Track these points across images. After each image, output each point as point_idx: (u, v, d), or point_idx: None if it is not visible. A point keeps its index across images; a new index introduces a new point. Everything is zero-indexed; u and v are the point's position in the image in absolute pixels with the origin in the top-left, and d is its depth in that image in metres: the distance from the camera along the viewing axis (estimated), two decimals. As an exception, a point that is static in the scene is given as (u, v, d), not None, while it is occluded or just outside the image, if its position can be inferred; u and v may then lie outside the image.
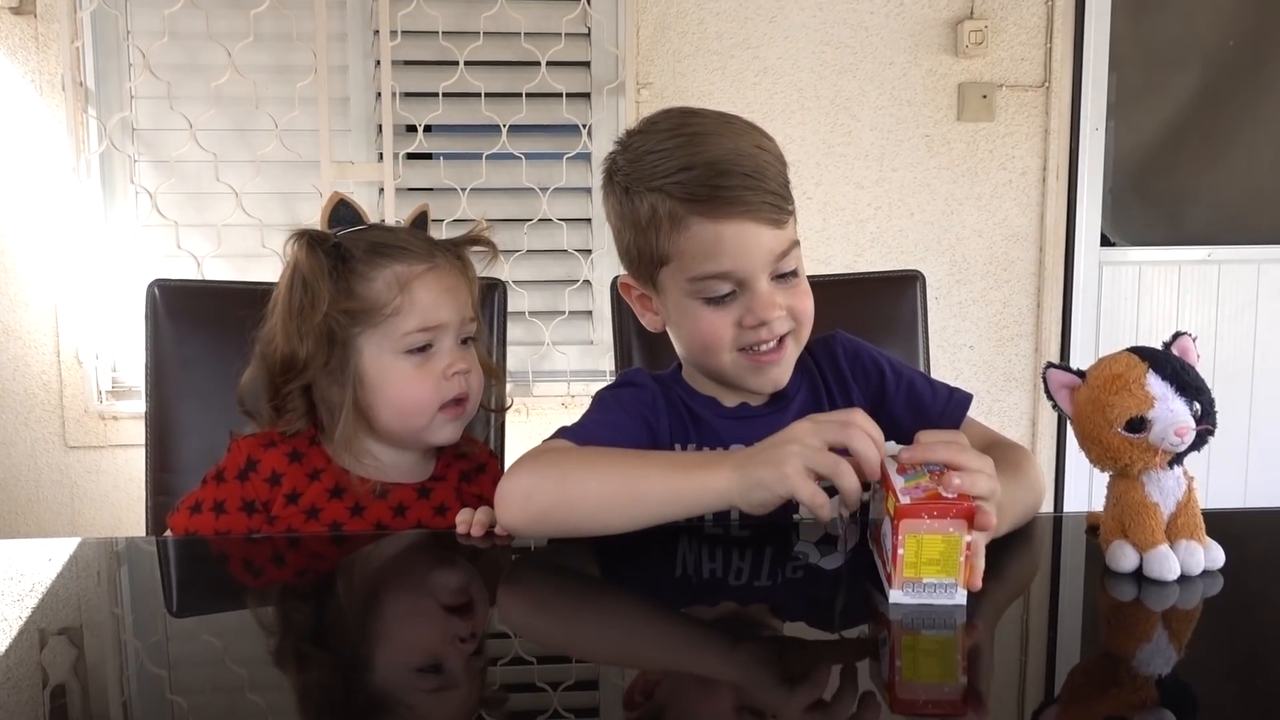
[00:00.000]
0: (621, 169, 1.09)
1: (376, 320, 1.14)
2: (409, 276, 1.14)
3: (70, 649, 0.84)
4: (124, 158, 2.50)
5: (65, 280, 2.48)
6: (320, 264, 1.13)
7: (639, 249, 1.08)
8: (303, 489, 1.17)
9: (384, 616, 0.90)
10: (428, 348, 1.16)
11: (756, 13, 2.61)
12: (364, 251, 1.15)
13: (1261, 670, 0.80)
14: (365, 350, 1.15)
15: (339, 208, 1.19)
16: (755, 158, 1.03)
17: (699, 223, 1.02)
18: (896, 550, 0.84)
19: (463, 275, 1.20)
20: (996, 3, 2.66)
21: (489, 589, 1.00)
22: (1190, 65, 2.83)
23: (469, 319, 1.20)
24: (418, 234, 1.21)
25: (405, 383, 1.15)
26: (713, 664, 0.81)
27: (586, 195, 2.64)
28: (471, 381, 1.19)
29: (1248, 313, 2.86)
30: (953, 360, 2.73)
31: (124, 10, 2.47)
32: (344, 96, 2.55)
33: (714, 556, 1.03)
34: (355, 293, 1.14)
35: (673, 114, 1.10)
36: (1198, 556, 0.92)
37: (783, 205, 1.04)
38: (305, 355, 1.13)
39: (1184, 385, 0.92)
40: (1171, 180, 2.88)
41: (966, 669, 0.80)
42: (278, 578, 1.05)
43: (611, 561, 1.02)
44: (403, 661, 0.82)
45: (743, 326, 1.05)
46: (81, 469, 2.56)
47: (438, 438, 1.19)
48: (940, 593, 0.85)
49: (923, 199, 2.67)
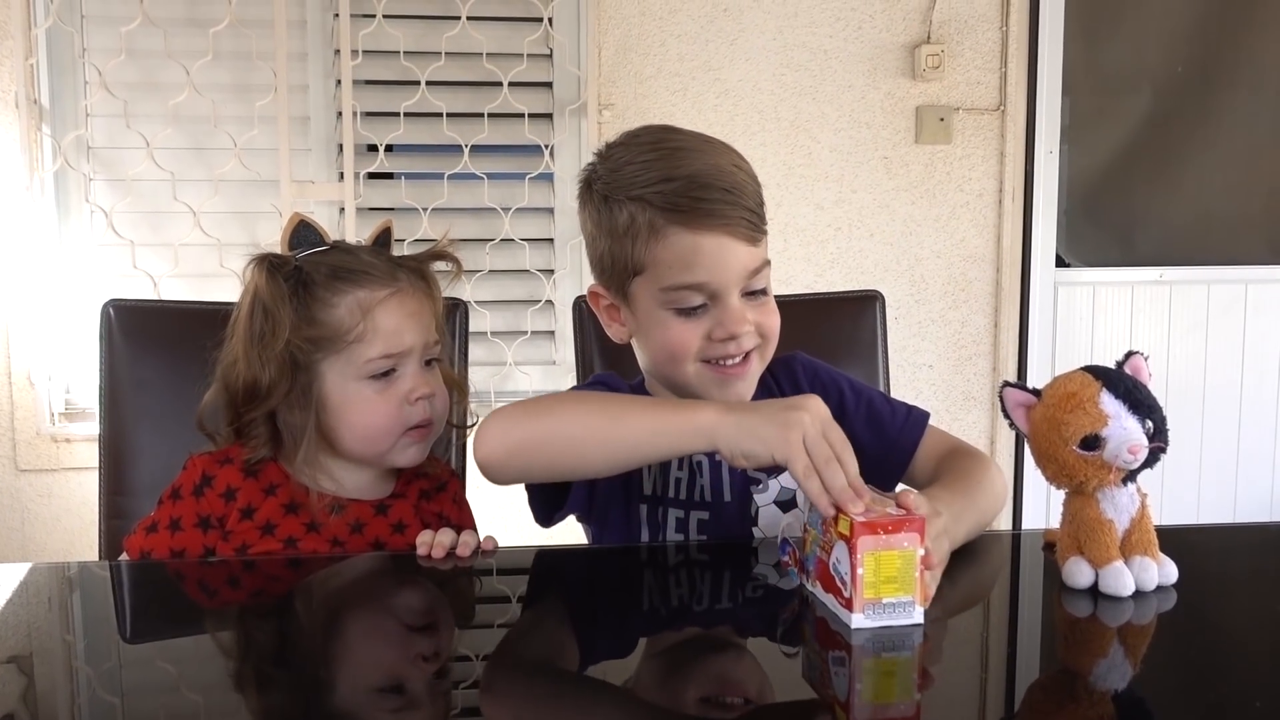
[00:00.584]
0: (601, 177, 1.10)
1: (339, 346, 1.13)
2: (371, 302, 1.13)
3: (20, 677, 0.82)
4: (79, 176, 2.47)
5: (18, 300, 2.44)
6: (280, 290, 1.12)
7: (613, 257, 1.08)
8: (258, 504, 1.15)
9: (342, 640, 0.89)
10: (391, 372, 1.15)
11: (717, 35, 2.63)
12: (325, 276, 1.14)
13: (1215, 684, 0.81)
14: (328, 375, 1.14)
15: (300, 229, 1.18)
16: (734, 175, 1.06)
17: (677, 233, 1.03)
18: (856, 571, 0.84)
19: (427, 296, 1.19)
20: (953, 28, 2.70)
21: (451, 610, 1.00)
22: (1141, 91, 2.89)
23: (433, 341, 1.18)
24: (380, 255, 1.19)
25: (368, 408, 1.14)
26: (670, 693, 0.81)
27: (549, 215, 2.64)
28: (436, 405, 1.18)
29: (1198, 332, 2.92)
30: (912, 379, 2.76)
31: (79, 28, 2.44)
32: (304, 116, 2.54)
33: (679, 580, 1.03)
34: (317, 319, 1.12)
35: (653, 129, 1.13)
36: (1151, 572, 0.94)
37: (758, 223, 1.06)
38: (268, 382, 1.12)
39: (1137, 403, 0.94)
40: (1124, 203, 2.94)
41: (925, 688, 0.81)
42: (233, 601, 1.04)
43: (575, 582, 1.01)
44: (362, 685, 0.81)
45: (711, 339, 1.06)
46: (33, 492, 2.50)
47: (401, 460, 1.18)
48: (900, 612, 0.85)
49: (882, 220, 2.70)
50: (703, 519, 1.14)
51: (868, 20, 2.67)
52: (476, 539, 1.08)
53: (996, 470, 1.13)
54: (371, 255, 1.18)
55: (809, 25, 2.65)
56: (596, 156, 1.12)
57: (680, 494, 1.15)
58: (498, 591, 1.06)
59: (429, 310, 1.19)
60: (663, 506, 1.15)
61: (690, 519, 1.14)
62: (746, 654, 0.89)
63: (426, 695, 0.79)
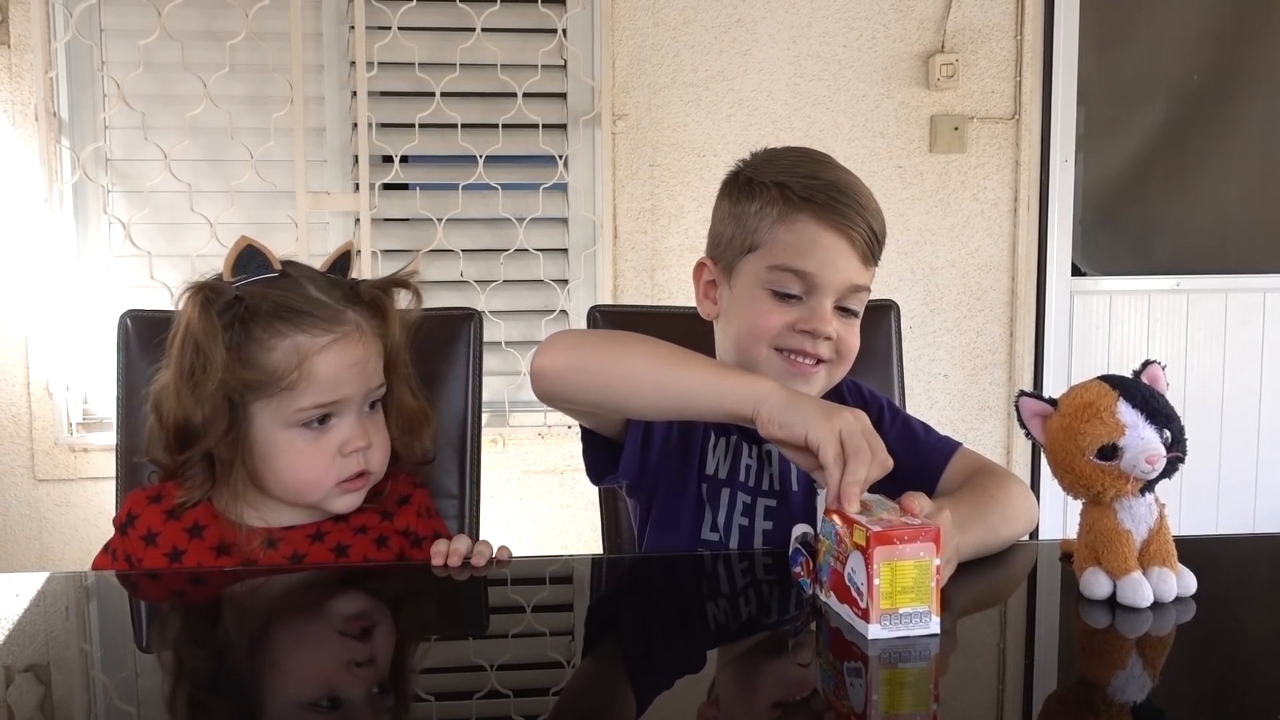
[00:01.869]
0: (751, 164, 1.18)
1: (272, 391, 1.05)
2: (310, 349, 1.06)
3: (37, 685, 0.82)
4: (97, 188, 2.49)
5: (36, 311, 2.46)
6: (213, 327, 1.04)
7: (733, 234, 1.14)
8: (183, 546, 1.10)
9: (362, 650, 0.89)
10: (327, 418, 1.08)
11: (731, 46, 2.64)
12: (266, 314, 1.06)
13: (1234, 696, 0.80)
14: (257, 418, 1.07)
15: (245, 254, 1.10)
16: (870, 200, 1.15)
17: (805, 220, 1.10)
18: (872, 582, 0.84)
19: (374, 340, 1.11)
20: (967, 37, 2.70)
21: (473, 620, 1.00)
22: (1156, 99, 2.88)
23: (376, 385, 1.11)
24: (332, 289, 1.11)
25: (298, 458, 1.07)
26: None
27: (563, 225, 2.65)
28: (373, 456, 1.11)
29: (1216, 341, 2.90)
30: (927, 389, 2.75)
31: (98, 41, 2.47)
32: (320, 127, 2.56)
33: (694, 590, 1.02)
34: (252, 361, 1.05)
35: (807, 148, 1.22)
36: (1170, 583, 0.93)
37: (875, 248, 1.14)
38: (201, 421, 1.05)
39: (1154, 413, 0.93)
40: (1140, 211, 2.92)
41: (942, 700, 0.80)
42: (251, 610, 1.04)
43: (585, 590, 1.01)
44: (378, 694, 0.81)
45: (794, 329, 1.10)
46: (50, 502, 2.52)
47: (334, 508, 1.11)
48: (916, 623, 0.85)
49: (896, 229, 2.69)
50: (770, 506, 1.17)
51: (881, 30, 2.67)
52: (490, 548, 1.07)
53: (1022, 491, 1.13)
54: (321, 290, 1.10)
55: (822, 35, 2.65)
56: (751, 154, 1.20)
57: (750, 480, 1.18)
58: (512, 601, 1.06)
59: (375, 353, 1.11)
60: (730, 489, 1.17)
61: (757, 505, 1.17)
62: (760, 667, 0.88)
63: (448, 706, 0.79)
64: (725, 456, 1.18)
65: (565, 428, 2.56)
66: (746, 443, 1.18)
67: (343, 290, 1.13)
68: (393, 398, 1.16)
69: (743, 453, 1.18)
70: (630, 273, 2.62)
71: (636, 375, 1.01)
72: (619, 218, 2.60)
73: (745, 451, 1.18)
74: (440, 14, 2.53)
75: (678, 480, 1.17)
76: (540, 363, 1.03)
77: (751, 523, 1.16)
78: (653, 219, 2.63)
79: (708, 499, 1.17)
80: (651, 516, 1.19)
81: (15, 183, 2.43)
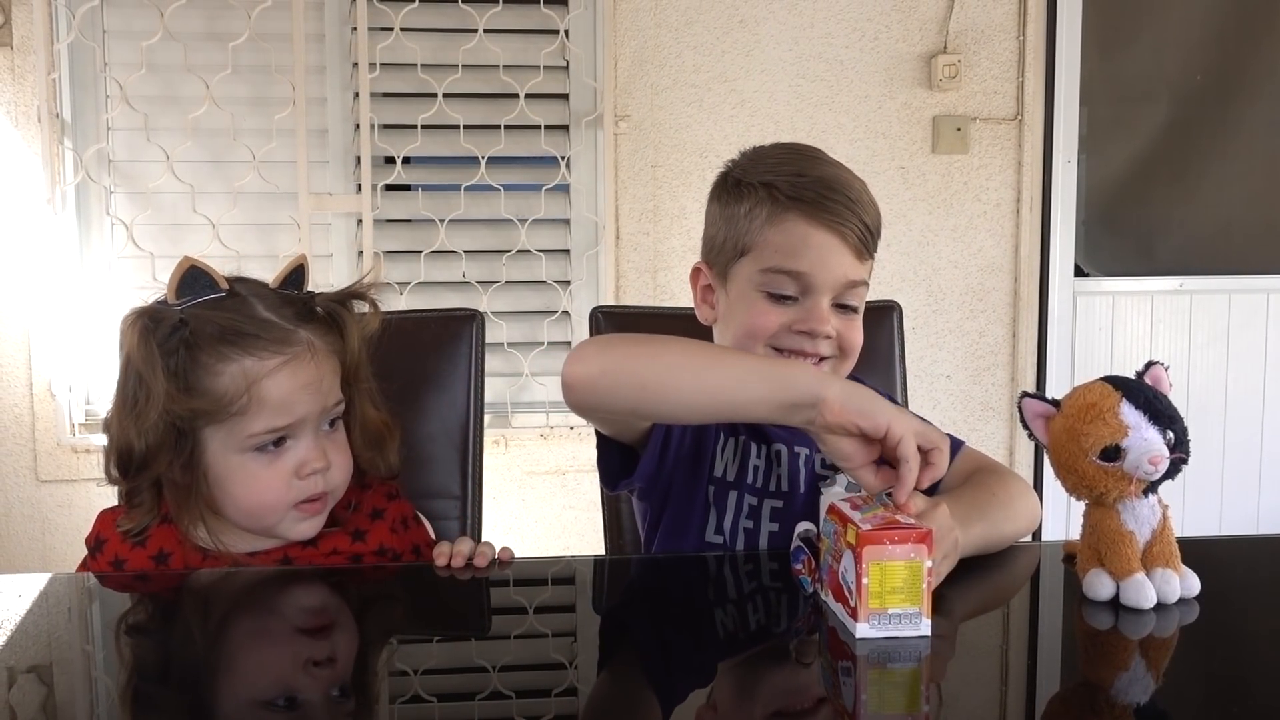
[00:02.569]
0: (739, 164, 1.17)
1: (221, 417, 1.02)
2: (259, 373, 1.02)
3: (39, 686, 0.83)
4: (100, 189, 2.49)
5: (39, 312, 2.46)
6: (152, 356, 1.01)
7: (726, 237, 1.14)
8: (150, 572, 1.08)
9: (366, 650, 0.89)
10: (282, 440, 1.05)
11: (733, 47, 2.64)
12: (211, 338, 1.02)
13: (1238, 698, 0.80)
14: (210, 444, 1.04)
15: (189, 274, 1.06)
16: (861, 191, 1.12)
17: (795, 220, 1.09)
18: (861, 580, 0.84)
19: (329, 357, 1.07)
20: (969, 38, 2.70)
21: (477, 619, 1.00)
22: (1159, 100, 2.88)
23: (333, 404, 1.07)
24: (284, 306, 1.07)
25: (252, 482, 1.04)
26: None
27: (565, 226, 2.65)
28: (332, 476, 1.07)
29: (1219, 342, 2.89)
30: (930, 390, 2.75)
31: (101, 42, 2.47)
32: (322, 128, 2.56)
33: (695, 589, 1.02)
34: (198, 388, 1.02)
35: (799, 142, 1.21)
36: (1173, 584, 0.93)
37: (869, 241, 1.12)
38: (144, 452, 1.02)
39: (1157, 414, 0.93)
40: (1143, 212, 2.92)
41: (942, 700, 0.80)
42: (254, 611, 1.04)
43: (587, 591, 1.01)
44: (385, 697, 0.81)
45: (791, 330, 1.09)
46: (53, 503, 2.52)
47: (293, 534, 1.08)
48: (905, 624, 0.85)
49: (899, 230, 2.70)
50: (776, 507, 1.16)
51: (884, 31, 2.67)
52: (493, 549, 1.07)
53: (1024, 490, 1.12)
54: (271, 308, 1.06)
55: (825, 36, 2.65)
56: (739, 153, 1.19)
57: (757, 481, 1.17)
58: (514, 602, 1.06)
59: (330, 370, 1.07)
60: (736, 491, 1.16)
61: (764, 506, 1.16)
62: (762, 664, 0.88)
63: (452, 707, 0.79)
64: (734, 458, 1.17)
65: (567, 429, 2.56)
66: (755, 443, 1.18)
67: (295, 307, 1.08)
68: (355, 413, 1.12)
69: (751, 453, 1.17)
70: (632, 274, 2.62)
71: (674, 372, 0.96)
72: (621, 219, 2.60)
73: (754, 452, 1.17)
74: (442, 15, 2.53)
75: (689, 484, 1.16)
76: (571, 371, 0.97)
77: (757, 525, 1.16)
78: (655, 220, 2.63)
79: (714, 501, 1.16)
80: (663, 521, 1.18)
81: (18, 184, 2.43)
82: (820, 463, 1.17)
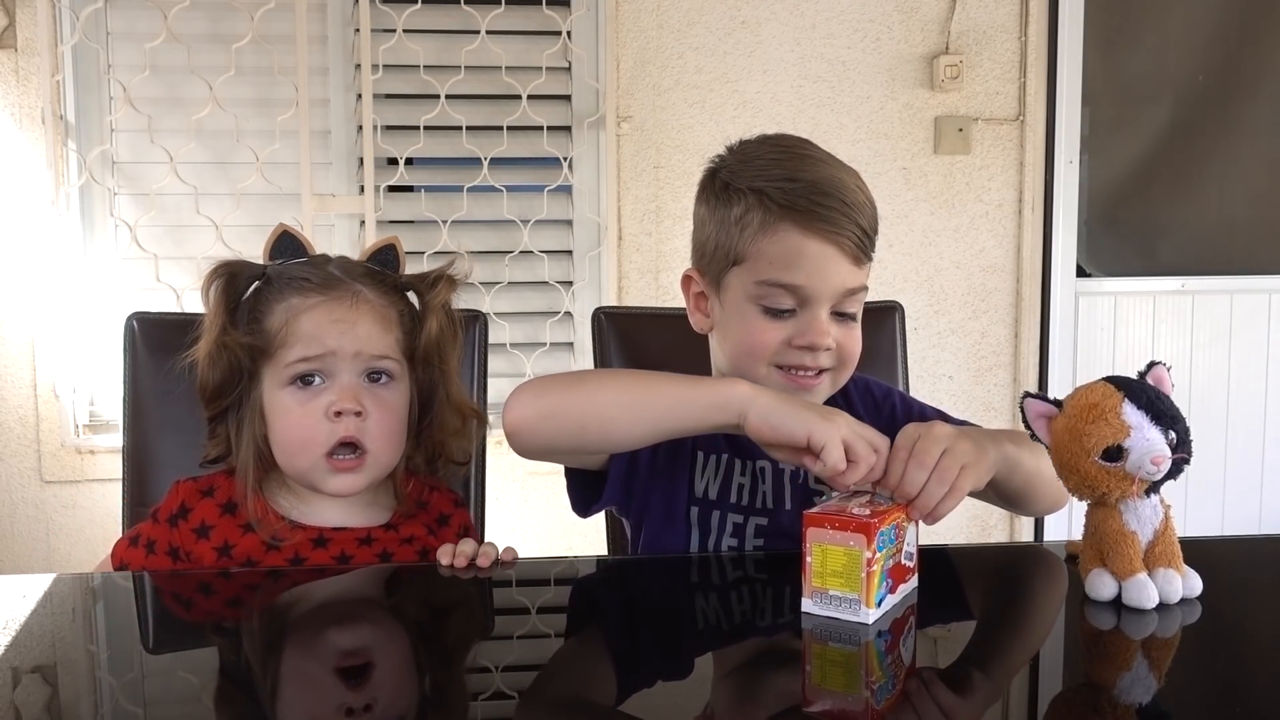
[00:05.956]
0: (727, 165, 1.12)
1: (271, 351, 1.10)
2: (301, 308, 1.10)
3: (44, 687, 0.83)
4: (104, 191, 2.49)
5: (43, 314, 2.47)
6: (219, 294, 1.12)
7: (717, 244, 1.10)
8: (235, 540, 1.12)
9: (368, 652, 0.90)
10: (312, 380, 1.10)
11: (735, 47, 2.64)
12: (276, 287, 1.12)
13: (1240, 698, 0.80)
14: (265, 383, 1.12)
15: (282, 239, 1.16)
16: (855, 193, 1.07)
17: (787, 231, 1.05)
18: (805, 559, 0.88)
19: (374, 310, 1.12)
20: (971, 38, 2.70)
21: (475, 621, 1.00)
22: (1161, 100, 2.88)
23: (375, 354, 1.11)
24: (343, 266, 1.15)
25: (288, 418, 1.10)
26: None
27: (568, 227, 2.65)
28: (369, 427, 1.10)
29: (1221, 342, 2.89)
30: (932, 390, 2.75)
31: (105, 44, 2.48)
32: (325, 130, 2.56)
33: (689, 589, 1.02)
34: (255, 327, 1.11)
35: (788, 136, 1.16)
36: (1176, 585, 0.93)
37: (866, 246, 1.07)
38: (214, 384, 1.11)
39: (1159, 414, 0.93)
40: (1145, 212, 2.92)
41: (947, 701, 0.80)
42: (257, 612, 1.04)
43: (584, 592, 1.01)
44: (388, 697, 0.81)
45: (791, 345, 1.06)
46: (57, 504, 2.53)
47: (328, 488, 1.11)
48: (845, 607, 0.87)
49: (901, 230, 2.70)
50: (760, 524, 1.14)
51: (886, 31, 2.67)
52: (496, 549, 1.08)
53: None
54: (339, 268, 1.14)
55: (827, 37, 2.65)
56: (726, 149, 1.14)
57: (742, 499, 1.15)
58: (517, 602, 1.06)
59: (373, 321, 1.11)
60: (720, 510, 1.14)
61: (749, 524, 1.14)
62: (754, 655, 0.89)
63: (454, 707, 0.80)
64: (715, 476, 1.15)
65: (570, 429, 2.56)
66: (739, 460, 1.15)
67: (371, 275, 1.15)
68: (438, 391, 1.17)
69: (735, 471, 1.15)
70: (635, 274, 2.63)
71: (610, 409, 0.99)
72: (623, 219, 2.61)
73: (738, 469, 1.15)
74: (445, 16, 2.53)
75: (666, 503, 1.14)
76: (510, 419, 1.01)
77: (741, 544, 1.14)
78: (657, 221, 2.63)
79: (697, 522, 1.14)
80: (641, 539, 1.17)
81: (22, 185, 2.44)
82: (814, 479, 1.14)
